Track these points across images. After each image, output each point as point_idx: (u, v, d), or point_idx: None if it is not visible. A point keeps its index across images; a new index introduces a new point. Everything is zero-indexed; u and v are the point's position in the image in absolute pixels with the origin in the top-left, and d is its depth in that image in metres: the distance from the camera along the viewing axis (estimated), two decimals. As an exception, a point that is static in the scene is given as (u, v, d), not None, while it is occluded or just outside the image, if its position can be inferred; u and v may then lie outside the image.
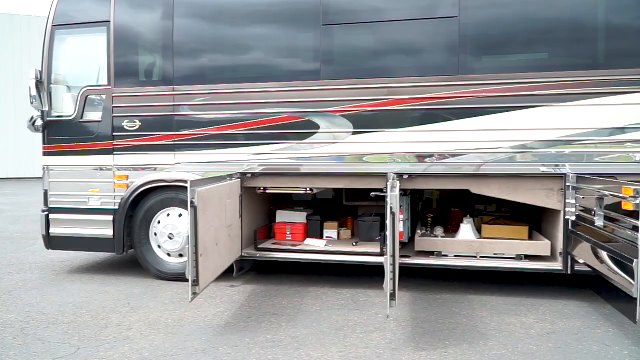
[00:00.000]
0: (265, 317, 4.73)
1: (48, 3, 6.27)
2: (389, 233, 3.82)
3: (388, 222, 3.82)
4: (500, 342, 4.11)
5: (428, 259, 5.57)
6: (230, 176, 5.58)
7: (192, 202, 4.21)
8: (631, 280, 3.75)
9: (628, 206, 3.76)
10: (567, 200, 5.01)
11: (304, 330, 4.40)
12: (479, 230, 5.79)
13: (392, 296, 3.86)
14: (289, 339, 4.19)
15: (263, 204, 6.56)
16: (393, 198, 3.82)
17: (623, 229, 3.95)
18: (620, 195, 3.90)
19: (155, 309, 5.01)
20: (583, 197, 4.80)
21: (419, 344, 4.07)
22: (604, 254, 4.27)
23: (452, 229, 6.12)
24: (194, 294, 4.28)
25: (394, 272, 3.85)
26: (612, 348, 3.99)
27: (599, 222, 4.37)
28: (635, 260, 3.66)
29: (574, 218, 4.98)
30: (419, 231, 6.01)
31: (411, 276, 6.06)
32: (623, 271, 3.91)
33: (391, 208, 3.81)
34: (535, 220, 6.08)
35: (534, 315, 4.75)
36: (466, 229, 5.74)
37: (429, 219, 6.71)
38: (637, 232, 3.65)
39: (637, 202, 3.65)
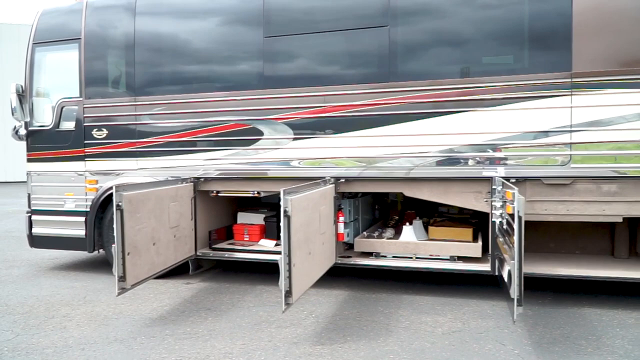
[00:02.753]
0: (197, 312, 5.08)
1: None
2: (282, 234, 4.08)
3: (282, 224, 4.08)
4: (399, 338, 4.30)
5: (367, 260, 5.78)
6: (183, 180, 5.98)
7: (118, 205, 4.60)
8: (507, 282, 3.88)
9: (508, 209, 3.88)
10: (493, 203, 5.11)
11: (225, 324, 4.72)
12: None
13: (288, 293, 4.11)
14: (205, 332, 4.52)
15: (225, 206, 6.92)
16: (287, 201, 4.09)
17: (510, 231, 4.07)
18: (506, 198, 4.02)
19: (104, 302, 5.45)
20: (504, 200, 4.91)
21: (321, 339, 4.31)
22: (504, 256, 4.38)
23: (405, 231, 6.29)
24: (122, 288, 4.68)
25: (289, 270, 4.10)
26: (507, 347, 4.10)
27: (505, 225, 4.48)
28: (512, 261, 3.79)
29: (500, 220, 5.07)
30: (365, 232, 6.23)
31: (361, 276, 6.28)
32: (508, 272, 4.03)
33: (285, 211, 4.07)
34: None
35: (452, 314, 4.89)
36: (408, 231, 5.91)
37: (391, 221, 6.94)
38: (512, 234, 3.78)
39: (514, 205, 3.77)
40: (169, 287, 5.98)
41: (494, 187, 5.08)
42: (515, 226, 3.74)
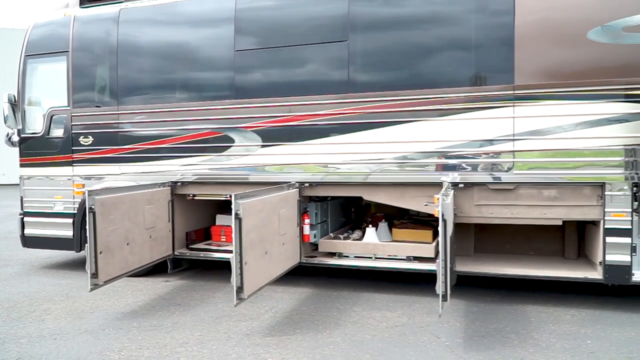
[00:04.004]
0: (167, 307, 5.49)
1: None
2: (234, 235, 4.47)
3: (233, 226, 4.48)
4: (344, 331, 4.67)
5: (331, 259, 6.15)
6: (161, 184, 6.40)
7: (90, 208, 5.03)
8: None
9: (435, 213, 4.23)
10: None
11: (190, 318, 5.13)
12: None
13: (240, 289, 4.50)
14: (169, 325, 4.93)
15: (205, 208, 7.31)
16: (238, 205, 4.48)
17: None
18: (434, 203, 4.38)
19: (84, 298, 5.87)
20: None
21: (272, 332, 4.69)
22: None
23: (372, 232, 6.64)
24: (95, 284, 5.10)
25: (241, 268, 4.49)
26: (440, 340, 4.45)
27: (445, 226, 4.83)
28: (437, 260, 4.14)
29: (449, 223, 5.41)
30: (332, 234, 6.61)
31: (330, 275, 6.63)
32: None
33: (237, 214, 4.46)
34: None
35: (402, 310, 5.24)
36: (370, 232, 6.27)
37: (364, 223, 7.30)
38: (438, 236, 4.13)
39: (439, 209, 4.12)
40: (148, 285, 6.40)
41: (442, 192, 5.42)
42: (440, 228, 4.09)
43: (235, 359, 4.11)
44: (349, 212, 7.72)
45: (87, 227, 5.02)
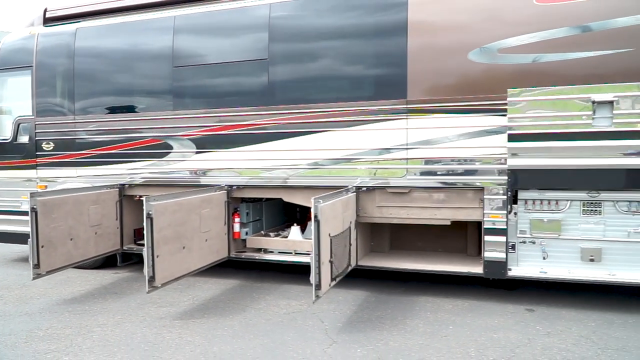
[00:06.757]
0: (104, 295, 6.23)
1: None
2: (145, 232, 5.19)
3: (145, 224, 5.19)
4: (245, 317, 5.36)
5: (257, 254, 6.85)
6: (109, 186, 7.15)
7: (33, 208, 5.78)
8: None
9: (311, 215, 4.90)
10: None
11: (118, 304, 5.86)
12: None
13: (152, 278, 5.22)
14: (98, 309, 5.67)
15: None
16: (150, 206, 5.19)
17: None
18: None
19: (37, 288, 6.63)
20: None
21: (183, 316, 5.40)
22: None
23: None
24: (38, 274, 5.85)
25: (152, 260, 5.20)
26: (323, 324, 5.12)
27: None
28: (310, 254, 4.82)
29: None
30: (262, 231, 7.31)
31: (268, 270, 7.31)
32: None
33: (148, 214, 5.18)
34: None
35: (306, 300, 5.91)
36: (294, 230, 6.95)
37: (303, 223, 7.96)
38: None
39: (312, 210, 4.80)
40: (97, 276, 7.15)
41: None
42: (313, 228, 4.77)
43: (139, 337, 4.84)
44: (294, 211, 8.39)
45: (30, 224, 5.77)
